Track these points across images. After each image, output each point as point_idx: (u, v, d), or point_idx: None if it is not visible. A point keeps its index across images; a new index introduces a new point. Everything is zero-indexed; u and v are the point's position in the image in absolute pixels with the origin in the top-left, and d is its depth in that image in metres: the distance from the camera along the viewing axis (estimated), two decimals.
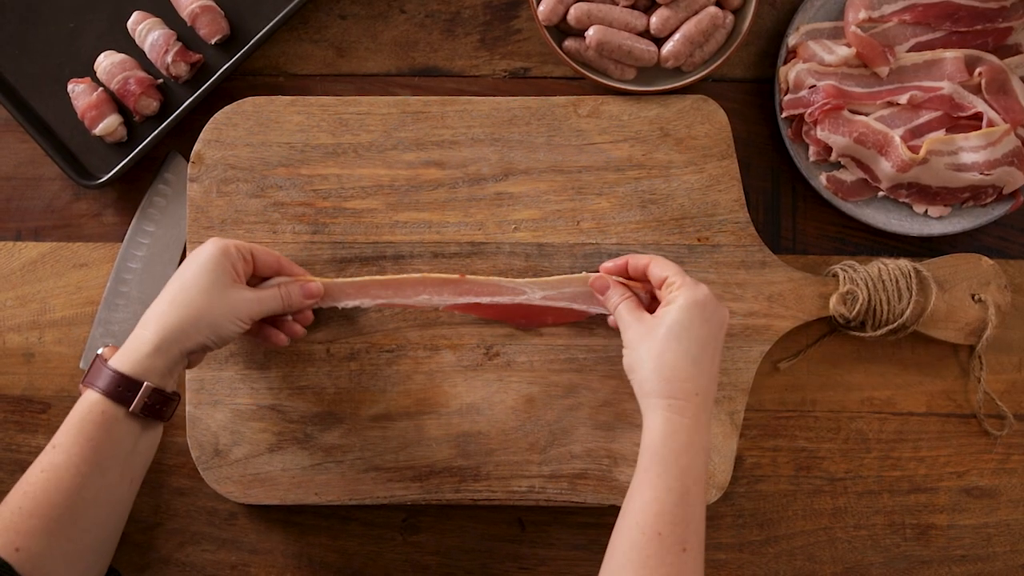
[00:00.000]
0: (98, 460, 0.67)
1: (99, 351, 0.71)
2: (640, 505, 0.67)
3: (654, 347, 0.71)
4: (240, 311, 0.73)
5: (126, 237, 0.85)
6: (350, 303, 0.81)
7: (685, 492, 0.67)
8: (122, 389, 0.68)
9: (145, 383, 0.68)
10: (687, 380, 0.70)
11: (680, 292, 0.72)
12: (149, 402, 0.68)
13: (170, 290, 0.72)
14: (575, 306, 0.81)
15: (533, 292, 0.81)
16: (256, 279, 0.78)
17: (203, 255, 0.73)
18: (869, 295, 0.81)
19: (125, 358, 0.69)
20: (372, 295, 0.81)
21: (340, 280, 0.81)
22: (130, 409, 0.68)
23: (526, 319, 0.82)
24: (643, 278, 0.78)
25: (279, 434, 0.82)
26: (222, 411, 0.82)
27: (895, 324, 0.82)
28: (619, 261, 0.79)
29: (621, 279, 0.78)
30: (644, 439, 0.69)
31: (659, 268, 0.75)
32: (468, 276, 0.81)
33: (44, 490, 0.65)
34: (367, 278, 0.81)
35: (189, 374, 0.82)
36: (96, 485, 0.67)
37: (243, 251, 0.75)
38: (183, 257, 0.85)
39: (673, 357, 0.70)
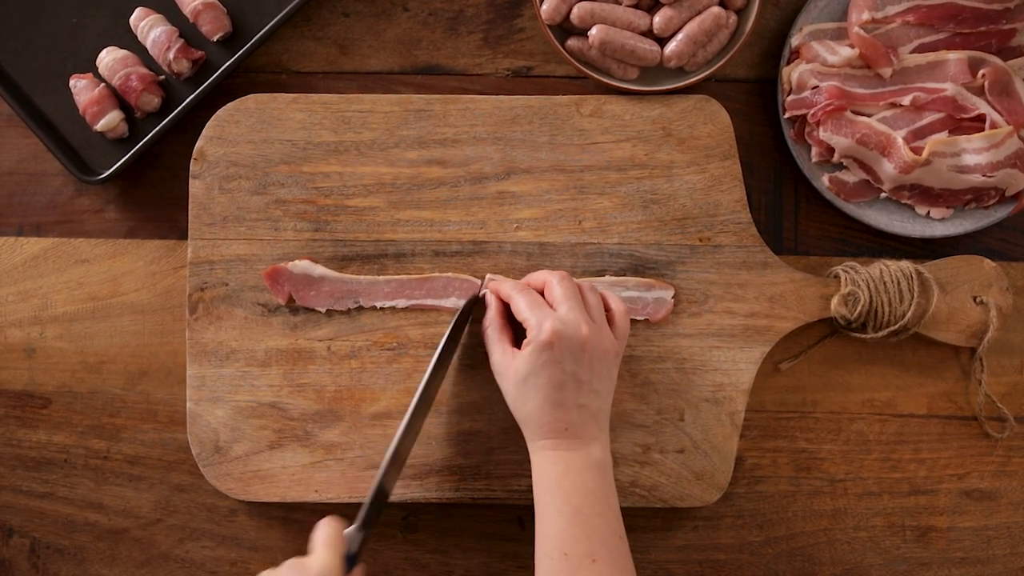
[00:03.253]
0: None
1: None
2: (540, 536, 0.70)
3: (512, 393, 0.73)
4: None
5: None
6: (387, 303, 0.82)
7: (576, 511, 0.69)
8: None
9: None
10: (552, 422, 0.71)
11: (528, 336, 0.72)
12: None
13: None
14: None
15: None
16: None
17: None
18: (871, 296, 0.81)
19: None
20: (407, 295, 0.82)
21: (381, 279, 0.82)
22: None
23: None
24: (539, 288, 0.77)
25: (279, 431, 0.82)
26: (223, 408, 0.82)
27: (896, 326, 0.82)
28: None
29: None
30: (533, 478, 0.72)
31: (516, 308, 0.74)
32: (490, 275, 0.82)
33: None
34: (403, 277, 0.82)
35: (190, 371, 0.82)
36: None
37: None
38: None
39: (533, 406, 0.72)
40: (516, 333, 0.76)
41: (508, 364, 0.73)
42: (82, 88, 0.85)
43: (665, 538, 0.85)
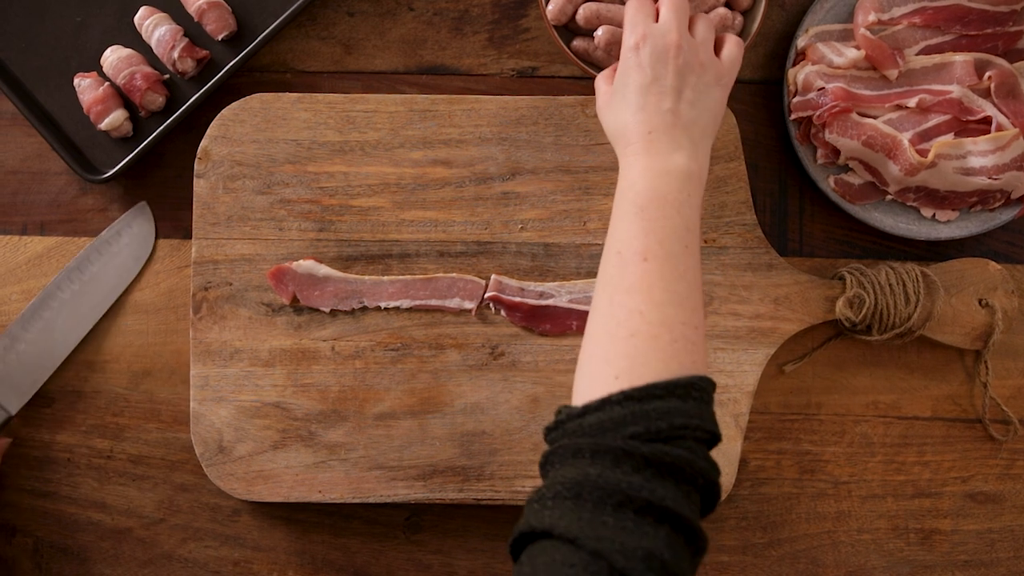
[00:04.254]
0: None
1: None
2: (607, 238, 0.68)
3: (604, 111, 0.73)
4: None
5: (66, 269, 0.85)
6: (391, 303, 0.82)
7: (639, 210, 0.66)
8: None
9: None
10: (636, 125, 0.69)
11: (623, 43, 0.72)
12: None
13: None
14: None
15: (560, 296, 0.82)
16: None
17: None
18: (876, 299, 0.81)
19: None
20: (411, 296, 0.82)
21: (385, 279, 0.82)
22: None
23: (551, 325, 0.82)
24: None
25: (283, 431, 0.82)
26: (226, 408, 0.82)
27: (901, 328, 0.81)
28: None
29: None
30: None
31: (626, 10, 0.73)
32: (494, 276, 0.82)
33: None
34: (407, 277, 0.82)
35: (193, 370, 0.82)
36: None
37: None
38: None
39: (622, 116, 0.71)
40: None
41: (605, 82, 0.74)
42: (86, 87, 0.85)
43: None
